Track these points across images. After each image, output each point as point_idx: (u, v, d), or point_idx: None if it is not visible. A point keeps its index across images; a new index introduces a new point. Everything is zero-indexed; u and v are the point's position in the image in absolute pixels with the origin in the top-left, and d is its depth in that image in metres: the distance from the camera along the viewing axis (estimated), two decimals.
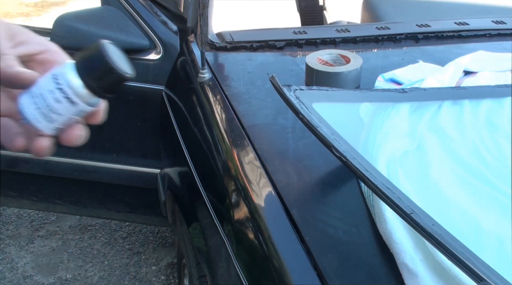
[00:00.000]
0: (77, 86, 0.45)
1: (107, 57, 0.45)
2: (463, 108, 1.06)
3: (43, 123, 0.46)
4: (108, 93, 0.47)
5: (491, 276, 0.59)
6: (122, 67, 0.46)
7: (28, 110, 0.46)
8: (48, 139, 0.46)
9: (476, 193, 0.83)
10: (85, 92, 0.45)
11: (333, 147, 0.80)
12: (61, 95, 0.45)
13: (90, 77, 0.45)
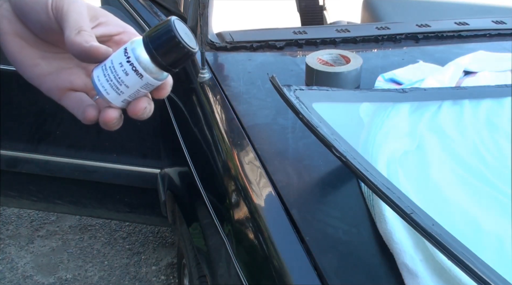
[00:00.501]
0: (144, 60, 0.47)
1: (175, 33, 0.47)
2: (463, 108, 1.06)
3: (113, 95, 0.49)
4: (174, 67, 0.49)
5: (491, 276, 0.59)
6: (189, 43, 0.48)
7: (99, 82, 0.49)
8: (116, 111, 0.50)
9: (476, 193, 0.83)
10: (152, 66, 0.48)
11: (333, 147, 0.80)
12: (130, 67, 0.47)
13: (158, 51, 0.47)
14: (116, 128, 0.51)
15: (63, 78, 0.51)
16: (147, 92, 0.51)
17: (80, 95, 0.52)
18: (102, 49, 0.48)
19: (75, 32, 0.47)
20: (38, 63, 0.50)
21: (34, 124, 1.79)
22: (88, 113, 0.50)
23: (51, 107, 1.75)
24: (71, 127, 1.78)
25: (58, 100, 0.54)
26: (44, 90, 0.53)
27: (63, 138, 1.78)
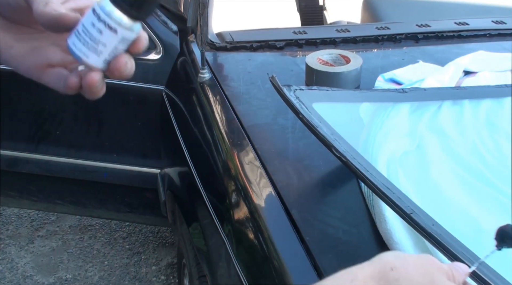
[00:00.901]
0: (114, 14, 0.48)
1: None
2: (463, 108, 1.06)
3: (92, 57, 0.50)
4: (144, 14, 0.49)
5: (491, 276, 0.59)
6: None
7: (76, 48, 0.49)
8: (98, 73, 0.51)
9: (476, 193, 0.83)
10: (123, 18, 0.48)
11: (333, 147, 0.80)
12: (102, 25, 0.48)
13: (125, 1, 0.48)
14: (100, 94, 0.52)
15: (40, 56, 0.52)
16: (124, 48, 0.52)
17: (59, 70, 0.53)
18: (71, 15, 0.49)
19: (43, 4, 0.48)
20: (13, 45, 0.51)
21: (34, 124, 1.79)
22: (69, 81, 0.50)
23: (51, 107, 1.75)
24: (71, 127, 1.78)
25: (38, 79, 0.54)
26: (23, 71, 0.54)
27: (63, 139, 1.78)
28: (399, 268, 0.44)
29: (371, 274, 0.44)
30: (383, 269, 0.44)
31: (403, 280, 0.43)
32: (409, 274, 0.44)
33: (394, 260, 0.45)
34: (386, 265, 0.44)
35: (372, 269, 0.44)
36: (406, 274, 0.44)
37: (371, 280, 0.43)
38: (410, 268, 0.45)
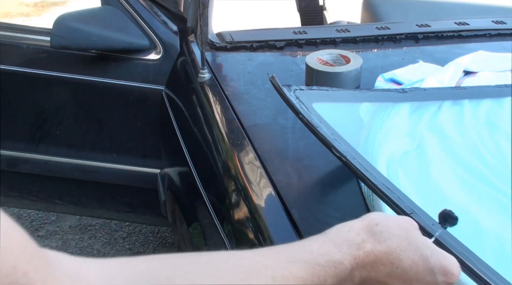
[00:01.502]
0: None
1: None
2: (463, 108, 1.06)
3: None
4: None
5: (491, 276, 0.59)
6: None
7: None
8: None
9: (476, 193, 0.83)
10: None
11: (333, 147, 0.80)
12: None
13: None
14: None
15: None
16: None
17: None
18: None
19: None
20: None
21: (34, 124, 1.79)
22: None
23: (51, 107, 1.75)
24: (71, 127, 1.78)
25: None
26: None
27: (63, 138, 1.78)
28: (383, 223, 0.54)
29: (361, 227, 0.54)
30: (370, 224, 0.54)
31: (385, 232, 0.53)
32: (390, 227, 0.54)
33: (378, 217, 0.56)
34: (372, 221, 0.54)
35: (362, 224, 0.54)
36: (388, 227, 0.54)
37: (362, 231, 0.53)
38: (391, 224, 0.55)
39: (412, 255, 0.53)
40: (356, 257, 0.51)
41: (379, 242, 0.52)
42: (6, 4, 5.04)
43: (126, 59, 1.63)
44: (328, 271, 0.48)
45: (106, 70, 1.65)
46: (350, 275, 0.51)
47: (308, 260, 0.47)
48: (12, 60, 1.66)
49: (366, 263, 0.51)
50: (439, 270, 0.54)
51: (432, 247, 0.55)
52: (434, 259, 0.54)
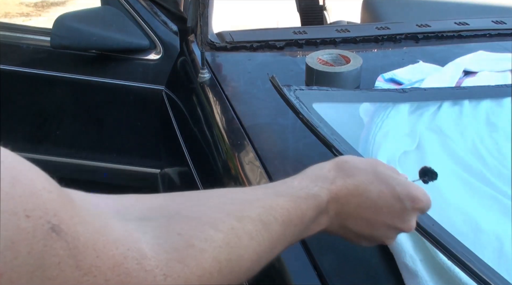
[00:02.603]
0: None
1: None
2: (463, 108, 1.06)
3: None
4: None
5: (491, 276, 0.59)
6: None
7: None
8: None
9: (476, 193, 0.83)
10: None
11: (333, 147, 0.80)
12: None
13: None
14: None
15: None
16: None
17: None
18: None
19: None
20: None
21: (34, 125, 1.79)
22: None
23: (51, 108, 1.75)
24: (71, 127, 1.78)
25: None
26: None
27: (63, 139, 1.78)
28: (351, 161, 0.61)
29: (332, 165, 0.61)
30: (340, 162, 0.61)
31: (353, 168, 0.60)
32: (357, 164, 0.61)
33: (347, 157, 0.63)
34: (341, 159, 0.62)
35: (333, 162, 0.61)
36: (356, 164, 0.61)
37: (332, 168, 0.60)
38: (358, 161, 0.62)
39: (379, 185, 0.59)
40: (330, 190, 0.57)
41: (348, 177, 0.59)
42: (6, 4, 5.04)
43: (126, 59, 1.63)
44: (308, 203, 0.54)
45: (106, 70, 1.65)
46: (326, 208, 0.57)
47: (291, 194, 0.55)
48: (12, 60, 1.67)
49: (339, 196, 0.57)
50: (405, 196, 0.59)
51: (398, 179, 0.61)
52: (401, 188, 0.59)
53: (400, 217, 0.60)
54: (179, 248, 0.40)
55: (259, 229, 0.47)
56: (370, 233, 0.61)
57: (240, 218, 0.46)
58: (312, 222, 0.56)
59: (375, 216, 0.59)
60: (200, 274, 0.40)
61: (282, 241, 0.51)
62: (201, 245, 0.41)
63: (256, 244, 0.47)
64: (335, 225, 0.60)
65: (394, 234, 0.63)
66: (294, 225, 0.52)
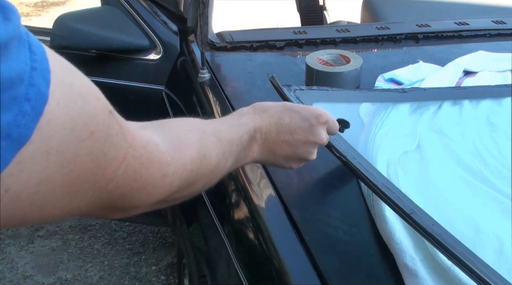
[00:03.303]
0: None
1: None
2: (463, 108, 1.06)
3: None
4: None
5: (491, 276, 0.59)
6: None
7: None
8: None
9: (476, 193, 0.83)
10: None
11: (333, 147, 0.80)
12: None
13: None
14: None
15: None
16: None
17: None
18: None
19: None
20: None
21: None
22: None
23: None
24: None
25: None
26: None
27: None
28: (264, 103, 0.76)
29: (249, 107, 0.75)
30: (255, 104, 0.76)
31: (266, 106, 0.75)
32: (269, 103, 0.76)
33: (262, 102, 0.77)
34: (255, 104, 0.76)
35: (250, 106, 0.76)
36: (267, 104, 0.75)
37: (250, 109, 0.75)
38: (271, 102, 0.76)
39: (288, 113, 0.73)
40: (253, 121, 0.71)
41: (264, 112, 0.73)
42: None
43: (126, 59, 1.63)
44: (241, 129, 0.69)
45: (106, 70, 1.65)
46: (255, 136, 0.71)
47: (229, 123, 0.70)
48: None
49: (261, 126, 0.71)
50: (310, 116, 0.73)
51: (301, 105, 0.77)
52: (305, 110, 0.74)
53: (312, 132, 0.74)
54: (175, 142, 0.55)
55: (215, 140, 0.63)
56: (293, 152, 0.75)
57: (204, 132, 0.62)
58: (248, 147, 0.70)
59: (292, 136, 0.73)
60: (192, 159, 0.56)
61: (230, 155, 0.66)
62: (187, 142, 0.57)
63: (216, 150, 0.62)
64: (265, 152, 0.73)
65: (312, 148, 0.76)
66: (236, 145, 0.67)
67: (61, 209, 0.40)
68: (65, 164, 0.37)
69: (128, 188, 0.46)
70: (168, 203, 0.59)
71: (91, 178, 0.41)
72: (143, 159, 0.47)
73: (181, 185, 0.55)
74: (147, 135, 0.50)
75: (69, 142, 0.37)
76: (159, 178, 0.50)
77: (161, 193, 0.52)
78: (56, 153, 0.36)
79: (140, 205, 0.51)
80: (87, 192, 0.42)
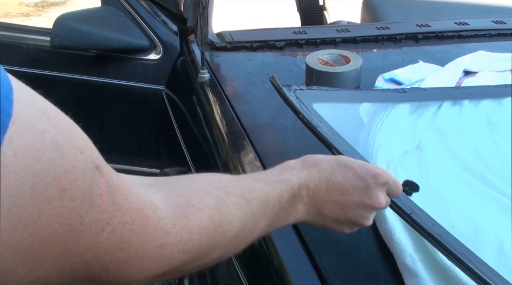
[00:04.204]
0: None
1: None
2: (463, 108, 1.06)
3: None
4: None
5: (491, 276, 0.59)
6: None
7: None
8: None
9: (476, 193, 0.83)
10: None
11: (333, 147, 0.80)
12: None
13: None
14: None
15: None
16: None
17: None
18: None
19: None
20: None
21: None
22: None
23: None
24: None
25: None
26: None
27: None
28: (314, 156, 0.67)
29: (297, 160, 0.67)
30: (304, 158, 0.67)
31: (317, 160, 0.66)
32: (319, 157, 0.67)
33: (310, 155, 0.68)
34: (305, 157, 0.67)
35: (299, 159, 0.67)
36: (318, 157, 0.67)
37: (298, 162, 0.66)
38: (322, 155, 0.67)
39: (342, 169, 0.64)
40: (299, 177, 0.62)
41: (313, 166, 0.64)
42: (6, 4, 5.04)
43: (126, 59, 1.63)
44: (282, 186, 0.60)
45: (106, 70, 1.65)
46: (300, 194, 0.62)
47: (265, 179, 0.61)
48: (12, 60, 1.66)
49: (308, 183, 0.63)
50: (366, 174, 0.64)
51: (358, 162, 0.67)
52: (360, 168, 0.65)
53: (367, 194, 0.64)
54: (182, 205, 0.48)
55: (242, 202, 0.55)
56: (345, 215, 0.65)
57: (226, 192, 0.54)
58: (290, 206, 0.62)
59: (344, 197, 0.64)
60: (200, 227, 0.48)
61: (263, 217, 0.58)
62: (199, 205, 0.49)
63: (241, 213, 0.54)
64: (312, 212, 0.65)
65: (367, 213, 0.66)
66: (272, 205, 0.59)
67: (20, 278, 0.34)
68: (21, 227, 0.32)
69: (113, 259, 0.40)
70: (173, 276, 0.50)
71: (59, 244, 0.35)
72: (135, 225, 0.41)
73: (185, 258, 0.47)
74: (147, 197, 0.44)
75: (28, 201, 0.32)
76: (153, 249, 0.43)
77: (158, 266, 0.44)
78: (8, 212, 0.31)
79: (130, 280, 0.43)
80: (55, 261, 0.35)
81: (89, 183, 0.36)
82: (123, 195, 0.40)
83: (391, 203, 0.69)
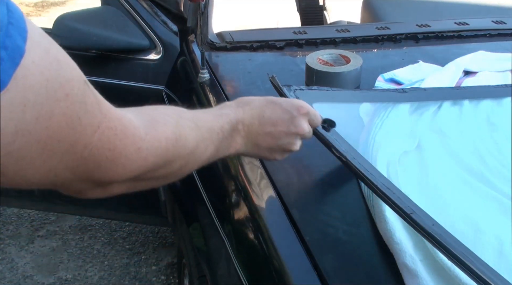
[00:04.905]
0: None
1: None
2: (463, 108, 1.06)
3: None
4: None
5: (491, 276, 0.59)
6: None
7: None
8: None
9: (476, 193, 0.83)
10: None
11: (333, 147, 0.80)
12: None
13: None
14: None
15: None
16: None
17: None
18: None
19: None
20: None
21: None
22: None
23: None
24: None
25: None
26: None
27: None
28: (246, 97, 0.78)
29: (232, 101, 0.77)
30: (238, 98, 0.78)
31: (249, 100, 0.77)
32: (252, 97, 0.78)
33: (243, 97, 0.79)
34: (239, 98, 0.78)
35: (232, 101, 0.78)
36: (250, 97, 0.78)
37: (233, 103, 0.77)
38: (253, 96, 0.78)
39: (270, 105, 0.76)
40: (236, 113, 0.73)
41: (246, 105, 0.75)
42: None
43: (126, 59, 1.63)
44: (223, 119, 0.71)
45: (106, 70, 1.65)
46: (237, 127, 0.73)
47: (210, 112, 0.74)
48: None
49: (243, 118, 0.74)
50: (291, 107, 0.76)
51: (284, 98, 0.80)
52: (286, 102, 0.77)
53: (293, 124, 0.76)
54: (150, 121, 0.58)
55: (193, 126, 0.65)
56: (276, 143, 0.76)
57: (181, 116, 0.65)
58: (231, 138, 0.73)
59: (275, 128, 0.75)
60: (166, 137, 0.58)
61: (210, 143, 0.69)
62: (163, 121, 0.60)
63: (194, 134, 0.64)
64: (249, 144, 0.75)
65: (294, 139, 0.78)
66: (216, 133, 0.69)
67: (37, 168, 0.42)
68: (41, 120, 0.40)
69: (103, 157, 0.48)
70: (145, 183, 0.60)
71: (66, 140, 0.43)
72: (117, 130, 0.49)
73: (156, 161, 0.57)
74: (122, 111, 0.52)
75: (44, 99, 0.39)
76: (133, 151, 0.52)
77: (136, 167, 0.53)
78: (32, 106, 0.38)
79: (116, 179, 0.52)
80: (63, 155, 0.44)
81: (83, 92, 0.43)
82: (105, 107, 0.48)
83: (391, 202, 0.70)
